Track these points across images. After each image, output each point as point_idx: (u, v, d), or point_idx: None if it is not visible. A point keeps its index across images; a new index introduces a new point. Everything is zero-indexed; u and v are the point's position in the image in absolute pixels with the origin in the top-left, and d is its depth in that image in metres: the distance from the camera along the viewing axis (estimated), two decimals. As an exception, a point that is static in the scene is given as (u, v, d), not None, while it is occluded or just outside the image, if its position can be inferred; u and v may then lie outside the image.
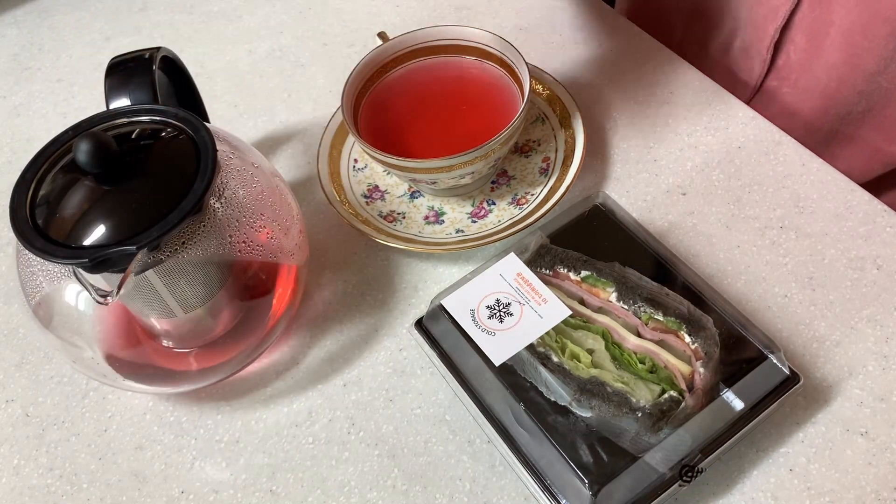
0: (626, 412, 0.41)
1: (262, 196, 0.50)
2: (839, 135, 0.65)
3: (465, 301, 0.47)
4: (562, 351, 0.44)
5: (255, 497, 0.48)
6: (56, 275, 0.46)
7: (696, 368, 0.41)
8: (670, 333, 0.43)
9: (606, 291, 0.46)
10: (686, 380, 0.42)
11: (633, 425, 0.40)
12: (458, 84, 0.62)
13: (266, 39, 0.80)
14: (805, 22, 0.59)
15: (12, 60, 0.83)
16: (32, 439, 0.53)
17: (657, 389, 0.41)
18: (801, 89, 0.64)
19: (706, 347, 0.42)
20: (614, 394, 0.41)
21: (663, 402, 0.41)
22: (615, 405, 0.41)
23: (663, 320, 0.44)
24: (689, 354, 0.42)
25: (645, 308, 0.44)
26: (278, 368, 0.54)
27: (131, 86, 0.52)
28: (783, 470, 0.45)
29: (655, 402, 0.41)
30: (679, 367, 0.42)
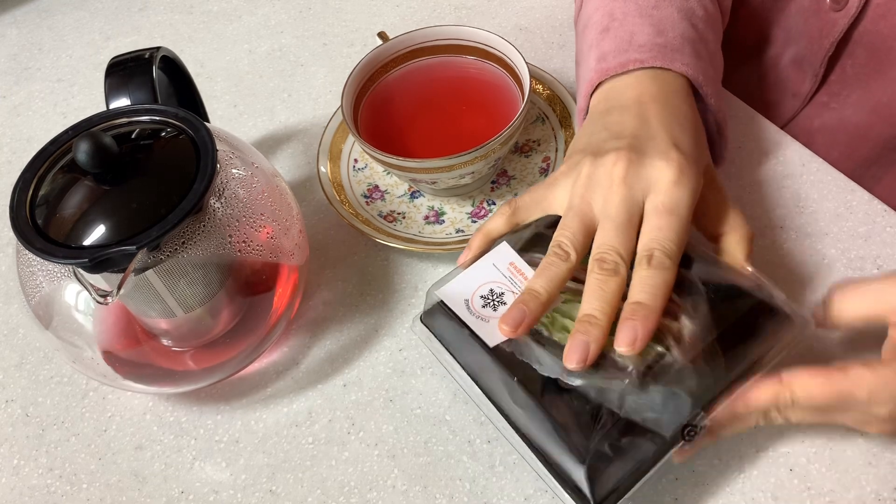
0: (612, 373, 0.41)
1: (262, 196, 0.50)
2: (882, 158, 0.63)
3: (460, 291, 0.47)
4: (551, 324, 0.44)
5: (255, 497, 0.48)
6: (56, 275, 0.46)
7: (682, 322, 0.41)
8: None
9: None
10: (673, 334, 0.41)
11: (620, 385, 0.40)
12: (458, 84, 0.62)
13: (266, 39, 0.80)
14: (867, 37, 0.58)
15: (12, 60, 0.83)
16: (32, 439, 0.53)
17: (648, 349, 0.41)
18: (852, 105, 0.62)
19: (691, 301, 0.41)
20: (600, 357, 0.41)
21: (650, 359, 0.41)
22: (602, 368, 0.41)
23: None
24: (675, 310, 0.42)
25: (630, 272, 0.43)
26: (278, 368, 0.54)
27: (131, 86, 0.52)
28: (783, 470, 0.45)
29: (640, 359, 0.41)
30: (668, 325, 0.41)
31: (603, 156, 0.44)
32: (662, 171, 0.43)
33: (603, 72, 0.51)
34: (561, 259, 0.42)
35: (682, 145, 0.44)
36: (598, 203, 0.43)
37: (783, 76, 0.66)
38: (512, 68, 0.59)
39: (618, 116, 0.48)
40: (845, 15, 0.57)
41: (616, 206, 0.43)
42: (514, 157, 0.62)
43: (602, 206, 0.43)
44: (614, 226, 0.42)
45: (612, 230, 0.42)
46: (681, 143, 0.45)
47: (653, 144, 0.44)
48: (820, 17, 0.59)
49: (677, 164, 0.43)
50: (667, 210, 0.42)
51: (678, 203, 0.42)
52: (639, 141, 0.45)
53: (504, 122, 0.54)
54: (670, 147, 0.44)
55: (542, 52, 0.72)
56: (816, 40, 0.60)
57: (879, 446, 0.45)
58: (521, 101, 0.56)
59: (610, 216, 0.43)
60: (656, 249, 0.41)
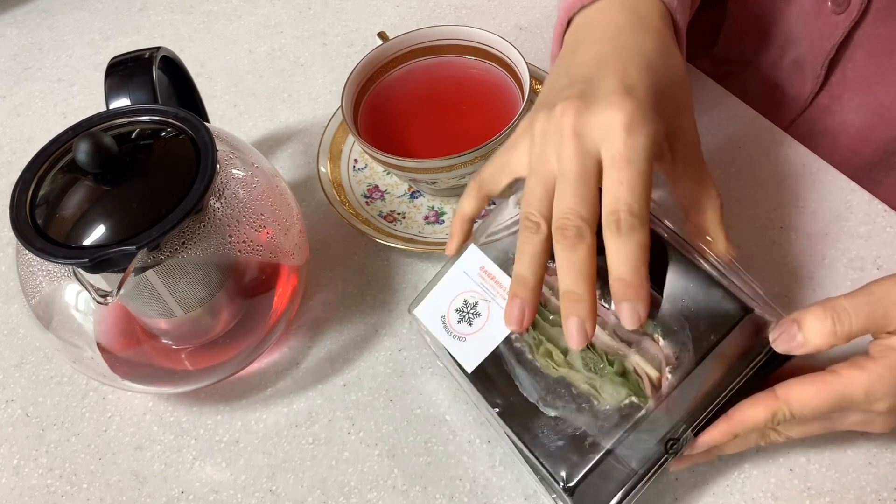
0: (586, 414, 0.41)
1: (262, 196, 0.50)
2: (884, 162, 0.62)
3: (436, 307, 0.46)
4: (537, 347, 0.43)
5: (255, 497, 0.48)
6: (56, 275, 0.46)
7: (664, 373, 0.41)
8: (645, 336, 0.42)
9: None
10: (654, 385, 0.41)
11: (593, 428, 0.40)
12: (458, 84, 0.62)
13: (266, 39, 0.80)
14: (868, 40, 0.57)
15: (12, 60, 0.83)
16: (32, 439, 0.53)
17: (623, 392, 0.41)
18: (854, 108, 0.61)
19: (678, 352, 0.41)
20: (578, 395, 0.41)
21: (624, 408, 0.40)
22: (577, 406, 0.41)
23: None
24: (661, 359, 0.41)
25: None
26: (278, 368, 0.54)
27: (131, 86, 0.52)
28: (783, 470, 0.45)
29: (617, 406, 0.40)
30: (648, 372, 0.41)
31: (554, 107, 0.40)
32: (613, 117, 0.38)
33: (570, 7, 0.47)
34: (532, 232, 0.40)
35: (637, 87, 0.40)
36: (553, 160, 0.40)
37: (784, 78, 0.66)
38: (512, 68, 0.59)
39: (579, 57, 0.44)
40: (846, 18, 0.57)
41: (569, 161, 0.39)
42: (514, 157, 0.62)
43: (557, 162, 0.39)
44: (571, 185, 0.38)
45: (570, 191, 0.38)
46: (636, 84, 0.40)
47: (604, 87, 0.40)
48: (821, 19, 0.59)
49: (629, 109, 0.38)
50: (624, 160, 0.37)
51: (634, 151, 0.38)
52: (590, 85, 0.40)
53: (504, 122, 0.54)
54: (622, 89, 0.39)
55: (542, 52, 0.72)
56: (817, 43, 0.60)
57: (879, 446, 0.45)
58: (521, 101, 0.56)
59: (565, 174, 0.39)
60: (622, 211, 0.37)
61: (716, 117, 0.63)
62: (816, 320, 0.38)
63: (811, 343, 0.38)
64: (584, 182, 0.38)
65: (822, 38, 0.60)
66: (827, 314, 0.38)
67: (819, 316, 0.38)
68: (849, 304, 0.38)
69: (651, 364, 0.41)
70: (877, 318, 0.38)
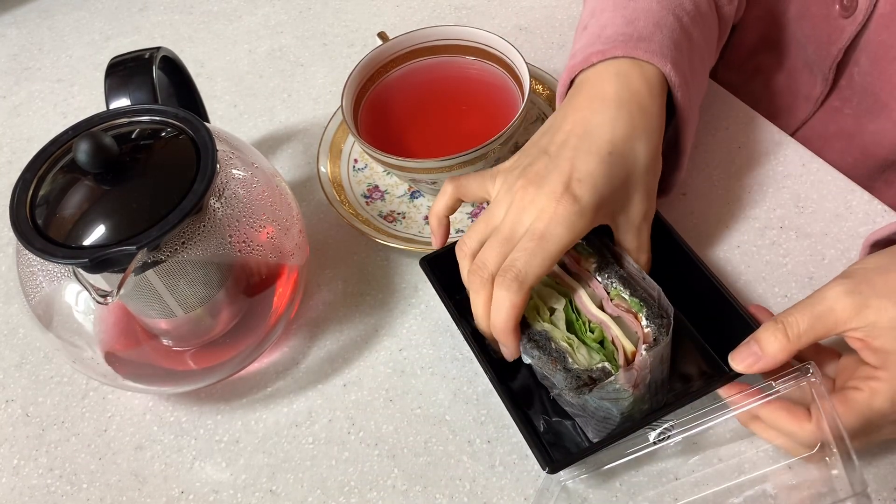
0: (559, 369, 0.43)
1: (262, 196, 0.50)
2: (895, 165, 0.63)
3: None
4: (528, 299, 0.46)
5: (255, 497, 0.48)
6: (56, 275, 0.46)
7: (639, 349, 0.43)
8: (630, 314, 0.44)
9: (588, 262, 0.47)
10: (627, 358, 0.43)
11: (561, 382, 0.43)
12: (458, 84, 0.62)
13: (266, 39, 0.80)
14: (871, 45, 0.58)
15: (12, 60, 0.83)
16: (32, 439, 0.53)
17: (597, 358, 0.43)
18: (863, 112, 0.62)
19: (656, 333, 0.43)
20: (555, 350, 0.44)
21: (594, 370, 0.43)
22: (552, 360, 0.43)
23: (628, 300, 0.45)
24: (639, 336, 0.43)
25: (616, 285, 0.46)
26: (278, 368, 0.54)
27: (131, 86, 0.52)
28: (783, 469, 0.45)
29: (587, 368, 0.43)
30: (624, 345, 0.43)
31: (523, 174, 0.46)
32: (548, 206, 0.44)
33: (571, 69, 0.51)
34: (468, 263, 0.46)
35: (583, 182, 0.45)
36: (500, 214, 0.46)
37: (794, 80, 0.66)
38: (512, 68, 0.59)
39: (561, 122, 0.48)
40: (853, 22, 0.57)
41: (506, 223, 0.45)
42: (514, 157, 0.62)
43: (500, 219, 0.46)
44: (497, 242, 0.45)
45: (494, 245, 0.45)
46: (584, 179, 0.45)
47: (555, 178, 0.45)
48: (829, 23, 0.59)
49: (564, 203, 0.44)
50: (538, 237, 0.43)
51: (549, 236, 0.43)
52: (550, 164, 0.46)
53: (504, 122, 0.54)
54: (568, 181, 0.44)
55: (542, 52, 0.72)
56: (825, 46, 0.60)
57: (879, 446, 0.45)
58: (521, 101, 0.56)
59: (498, 230, 0.45)
60: (511, 271, 0.43)
61: (716, 116, 0.63)
62: (769, 333, 0.42)
63: (768, 353, 0.42)
64: (506, 244, 0.44)
65: (830, 42, 0.60)
66: (778, 326, 0.41)
67: (771, 329, 0.42)
68: (796, 313, 0.41)
69: (629, 339, 0.43)
70: (824, 320, 0.41)
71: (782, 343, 0.41)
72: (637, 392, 0.42)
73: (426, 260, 0.52)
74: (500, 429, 0.49)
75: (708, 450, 0.46)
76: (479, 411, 0.50)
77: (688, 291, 0.49)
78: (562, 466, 0.43)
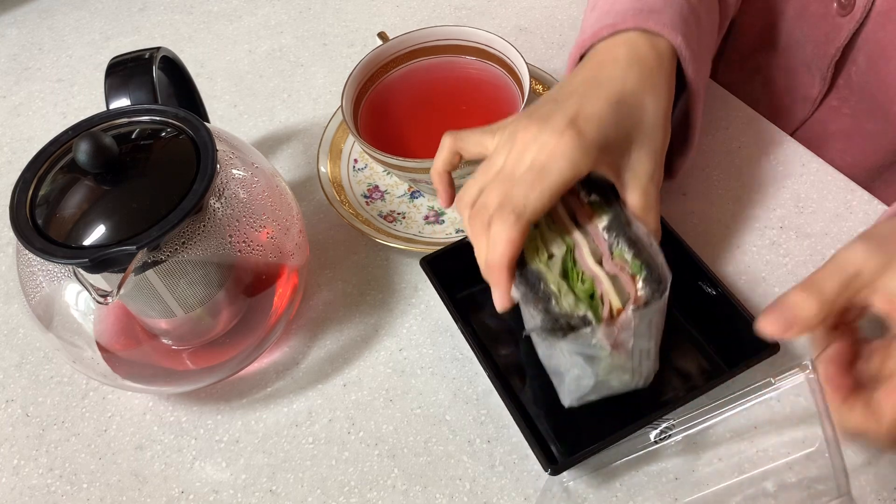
0: (541, 309, 0.42)
1: (262, 196, 0.50)
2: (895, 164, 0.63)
3: None
4: (530, 240, 0.45)
5: (255, 497, 0.48)
6: (56, 275, 0.46)
7: (627, 309, 0.42)
8: (627, 274, 0.44)
9: (600, 218, 0.46)
10: (612, 314, 0.42)
11: (537, 322, 0.42)
12: (458, 84, 0.62)
13: (266, 39, 0.80)
14: (868, 44, 0.58)
15: (12, 60, 0.83)
16: (32, 439, 0.53)
17: (581, 307, 0.42)
18: (863, 111, 0.62)
19: (648, 297, 0.42)
20: (543, 292, 0.43)
21: (574, 317, 0.42)
22: (536, 299, 0.43)
23: (630, 262, 0.44)
24: (630, 296, 0.43)
25: (622, 245, 0.45)
26: (278, 368, 0.54)
27: (131, 86, 0.52)
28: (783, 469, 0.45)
29: (568, 313, 0.42)
30: (612, 301, 0.42)
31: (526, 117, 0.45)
32: (550, 139, 0.43)
33: (580, 44, 0.51)
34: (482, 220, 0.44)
35: (589, 119, 0.44)
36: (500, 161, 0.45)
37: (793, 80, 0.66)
38: (512, 68, 0.59)
39: (569, 81, 0.48)
40: (851, 20, 0.57)
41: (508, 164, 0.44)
42: (514, 157, 0.62)
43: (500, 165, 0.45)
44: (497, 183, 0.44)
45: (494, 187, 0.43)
46: (591, 115, 0.44)
47: (560, 114, 0.44)
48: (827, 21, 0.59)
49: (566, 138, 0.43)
50: (538, 169, 0.42)
51: (550, 167, 0.42)
52: (555, 108, 0.45)
53: (504, 122, 0.54)
54: (570, 120, 0.43)
55: (542, 52, 0.72)
56: (823, 45, 0.60)
57: (879, 446, 0.45)
58: (521, 101, 0.56)
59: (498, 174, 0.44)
60: (508, 205, 0.42)
61: (715, 116, 0.63)
62: (800, 298, 0.39)
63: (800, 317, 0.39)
64: (507, 181, 0.43)
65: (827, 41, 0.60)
66: (806, 289, 0.39)
67: (801, 293, 0.39)
68: (822, 275, 0.39)
69: (619, 296, 0.42)
70: (852, 282, 0.39)
71: (815, 307, 0.39)
72: (617, 354, 0.42)
73: (426, 260, 0.52)
74: (500, 429, 0.49)
75: (708, 450, 0.46)
76: (479, 411, 0.50)
77: (688, 291, 0.49)
78: (564, 468, 0.43)
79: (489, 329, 0.52)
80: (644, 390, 0.49)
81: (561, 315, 0.42)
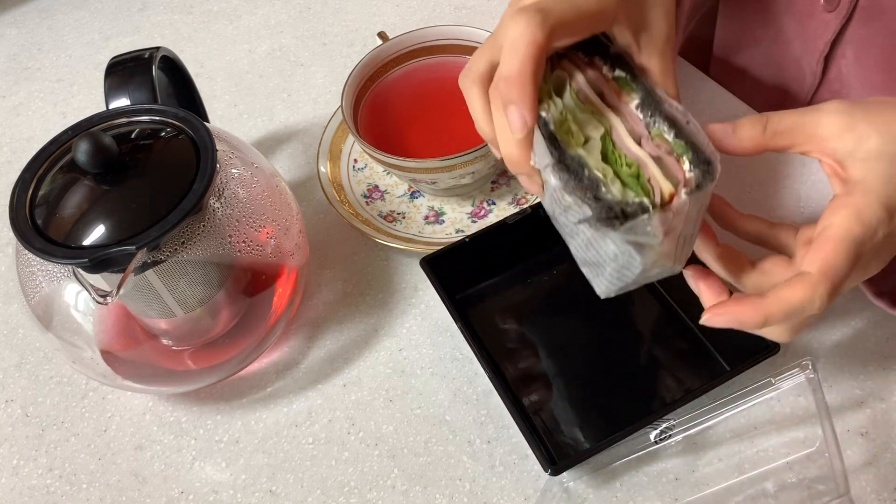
0: (588, 198, 0.38)
1: (262, 196, 0.50)
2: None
3: None
4: (560, 123, 0.41)
5: (255, 497, 0.48)
6: (56, 275, 0.46)
7: (678, 192, 0.38)
8: (671, 156, 0.40)
9: (630, 97, 0.43)
10: (664, 199, 0.38)
11: (588, 212, 0.38)
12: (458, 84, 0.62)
13: (266, 39, 0.80)
14: (855, 38, 0.58)
15: (12, 60, 0.83)
16: (32, 439, 0.53)
17: (631, 193, 0.39)
18: None
19: (699, 179, 0.38)
20: (588, 178, 0.39)
21: (629, 204, 0.38)
22: (581, 187, 0.38)
23: (671, 141, 0.40)
24: (680, 180, 0.39)
25: (660, 123, 0.41)
26: (278, 368, 0.54)
27: (131, 86, 0.52)
28: (783, 469, 0.45)
29: (622, 200, 0.38)
30: (661, 185, 0.39)
31: None
32: None
33: None
34: None
35: None
36: None
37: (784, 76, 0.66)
38: (512, 68, 0.59)
39: None
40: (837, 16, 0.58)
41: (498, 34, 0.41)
42: (514, 157, 0.62)
43: None
44: None
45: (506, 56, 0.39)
46: None
47: None
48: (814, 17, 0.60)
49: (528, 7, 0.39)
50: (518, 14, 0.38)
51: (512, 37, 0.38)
52: None
53: (504, 122, 0.54)
54: None
55: (542, 52, 0.72)
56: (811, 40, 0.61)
57: (879, 446, 0.45)
58: (521, 100, 0.56)
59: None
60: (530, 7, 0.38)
61: (714, 116, 0.63)
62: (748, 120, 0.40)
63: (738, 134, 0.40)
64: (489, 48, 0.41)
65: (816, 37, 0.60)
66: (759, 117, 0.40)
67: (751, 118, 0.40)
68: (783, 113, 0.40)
69: (668, 180, 0.39)
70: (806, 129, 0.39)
71: (757, 131, 0.39)
72: (667, 241, 0.38)
73: (426, 260, 0.52)
74: (500, 429, 0.49)
75: (708, 450, 0.46)
76: (479, 411, 0.50)
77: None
78: (564, 468, 0.43)
79: (489, 329, 0.52)
80: (644, 390, 0.49)
81: (615, 202, 0.38)
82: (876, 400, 0.47)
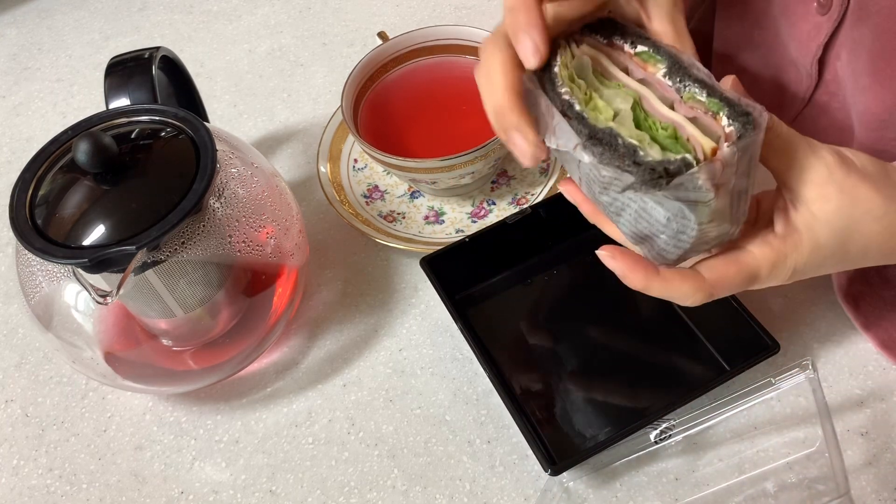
0: (628, 164, 0.37)
1: (261, 196, 0.50)
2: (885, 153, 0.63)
3: None
4: (586, 102, 0.40)
5: (255, 497, 0.48)
6: (56, 275, 0.46)
7: (720, 146, 0.37)
8: (707, 115, 0.39)
9: (656, 67, 0.41)
10: (706, 156, 0.37)
11: (629, 179, 0.36)
12: (458, 84, 0.62)
13: (266, 39, 0.80)
14: (847, 41, 0.58)
15: (12, 60, 0.83)
16: (32, 439, 0.53)
17: (671, 154, 0.37)
18: (851, 105, 0.61)
19: (741, 130, 0.37)
20: (623, 145, 0.37)
21: (671, 161, 0.36)
22: (618, 156, 0.37)
23: (705, 101, 0.39)
24: (720, 134, 0.37)
25: (691, 87, 0.40)
26: (278, 368, 0.54)
27: (131, 86, 0.52)
28: (783, 469, 0.45)
29: (662, 159, 0.36)
30: (701, 142, 0.37)
31: None
32: None
33: None
34: None
35: None
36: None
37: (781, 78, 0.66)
38: (512, 68, 0.59)
39: None
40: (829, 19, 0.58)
41: None
42: (514, 157, 0.62)
43: None
44: None
45: None
46: None
47: None
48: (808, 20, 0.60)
49: None
50: None
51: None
52: None
53: (504, 122, 0.54)
54: None
55: (542, 52, 0.72)
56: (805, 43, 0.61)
57: (879, 446, 0.45)
58: (521, 100, 0.56)
59: None
60: None
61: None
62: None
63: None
64: None
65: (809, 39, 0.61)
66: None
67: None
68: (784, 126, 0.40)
69: (708, 136, 0.38)
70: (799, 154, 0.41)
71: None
72: (720, 197, 0.37)
73: (426, 260, 0.52)
74: (500, 429, 0.49)
75: (708, 450, 0.46)
76: (479, 411, 0.50)
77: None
78: (564, 468, 0.43)
79: (489, 329, 0.52)
80: (644, 390, 0.49)
81: (656, 163, 0.36)
82: (876, 400, 0.47)
